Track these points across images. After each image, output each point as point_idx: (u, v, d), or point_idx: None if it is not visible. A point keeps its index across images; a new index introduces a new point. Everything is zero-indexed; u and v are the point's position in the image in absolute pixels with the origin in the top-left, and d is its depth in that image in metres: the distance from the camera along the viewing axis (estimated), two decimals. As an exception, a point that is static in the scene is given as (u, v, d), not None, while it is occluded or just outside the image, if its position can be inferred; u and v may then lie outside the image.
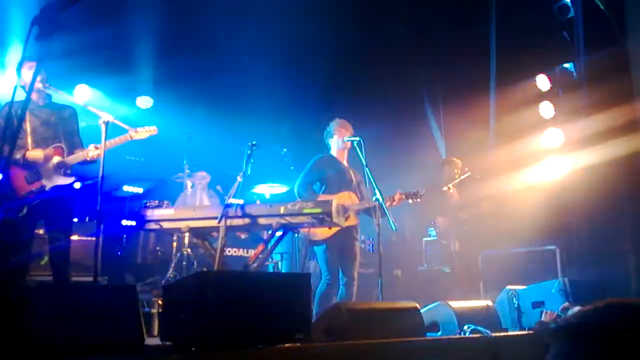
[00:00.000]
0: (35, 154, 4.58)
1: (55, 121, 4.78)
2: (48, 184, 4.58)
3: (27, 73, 4.56)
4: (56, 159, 4.65)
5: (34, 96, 4.69)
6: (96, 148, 4.64)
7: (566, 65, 7.66)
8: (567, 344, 1.27)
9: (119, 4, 7.00)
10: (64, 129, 4.82)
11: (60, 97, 4.75)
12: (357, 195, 5.56)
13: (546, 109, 7.80)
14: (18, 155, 4.49)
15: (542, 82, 7.86)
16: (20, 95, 4.58)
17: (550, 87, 7.81)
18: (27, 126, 4.62)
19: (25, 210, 4.44)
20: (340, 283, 5.39)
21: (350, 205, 5.34)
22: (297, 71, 8.38)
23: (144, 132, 4.84)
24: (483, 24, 7.76)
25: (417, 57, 8.39)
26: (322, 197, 5.40)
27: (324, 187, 5.55)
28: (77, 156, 4.70)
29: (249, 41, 7.77)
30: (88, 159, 4.67)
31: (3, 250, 4.31)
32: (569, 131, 7.42)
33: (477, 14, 7.74)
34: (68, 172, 4.70)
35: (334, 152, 5.77)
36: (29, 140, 4.63)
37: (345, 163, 5.74)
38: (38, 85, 4.55)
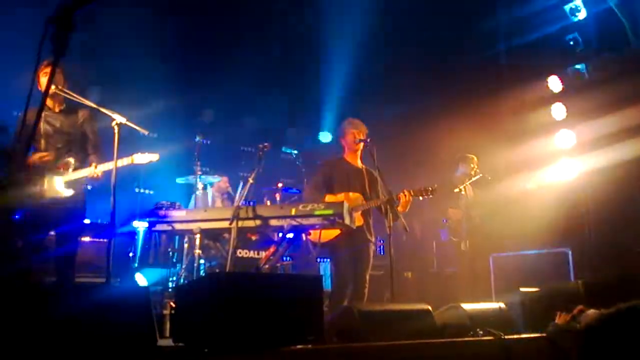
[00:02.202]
0: (46, 157, 4.61)
1: (68, 129, 4.80)
2: (48, 193, 4.61)
3: (43, 77, 4.56)
4: (61, 172, 4.68)
5: (49, 102, 4.71)
6: (96, 167, 4.68)
7: (578, 66, 7.62)
8: (590, 347, 1.26)
9: (130, 3, 7.04)
10: (77, 136, 4.85)
11: (74, 99, 4.76)
12: (365, 196, 5.52)
13: (558, 110, 7.76)
14: (32, 158, 4.52)
15: (554, 83, 7.82)
16: (36, 99, 4.59)
17: (562, 89, 7.77)
18: (42, 132, 4.65)
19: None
20: (352, 285, 5.37)
21: (354, 207, 5.30)
22: (307, 72, 8.41)
23: (145, 158, 4.88)
24: (495, 24, 7.74)
25: (429, 57, 8.37)
26: (328, 198, 5.40)
27: (331, 189, 5.54)
28: (78, 172, 4.73)
29: (258, 41, 7.80)
30: (88, 176, 4.70)
31: (10, 251, 4.33)
32: (581, 132, 7.38)
33: (488, 14, 7.72)
34: (71, 185, 4.73)
35: (346, 152, 5.74)
36: (42, 147, 4.67)
37: (357, 163, 5.69)
38: (53, 89, 4.57)
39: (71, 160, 4.74)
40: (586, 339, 1.28)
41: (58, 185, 4.66)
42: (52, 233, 5.08)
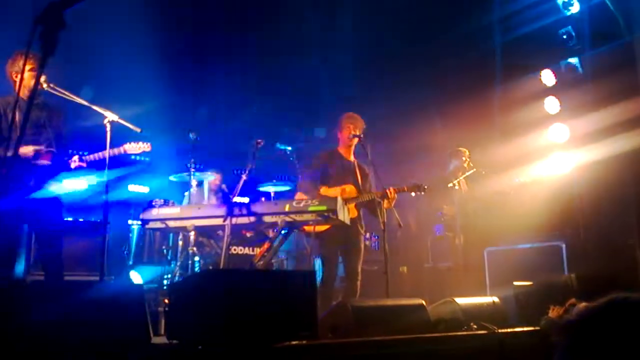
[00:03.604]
0: (25, 150, 4.53)
1: (44, 123, 4.74)
2: (36, 186, 4.55)
3: (27, 72, 4.49)
4: (45, 163, 4.64)
5: (29, 95, 4.61)
6: (80, 160, 4.64)
7: (571, 60, 7.62)
8: (571, 341, 1.27)
9: (121, 3, 7.01)
10: (54, 131, 4.80)
11: (64, 97, 4.72)
12: (357, 189, 5.57)
13: (551, 104, 7.76)
14: (9, 153, 4.43)
15: (547, 77, 7.82)
16: (15, 94, 4.54)
17: (556, 82, 7.77)
18: (18, 125, 4.57)
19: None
20: (345, 278, 5.41)
21: (348, 199, 5.34)
22: (304, 69, 8.40)
23: (137, 147, 4.85)
24: (487, 18, 7.74)
25: (422, 52, 8.37)
26: (324, 189, 5.42)
27: (325, 181, 5.57)
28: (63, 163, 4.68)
29: (254, 38, 7.79)
30: (72, 168, 4.66)
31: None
32: (575, 126, 7.39)
33: (481, 8, 7.72)
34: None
35: (340, 145, 5.79)
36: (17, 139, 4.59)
37: (350, 157, 5.76)
38: (42, 85, 4.53)
39: (54, 150, 4.70)
40: (567, 332, 1.29)
41: (45, 178, 4.62)
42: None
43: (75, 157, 4.67)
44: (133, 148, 4.83)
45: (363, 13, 7.80)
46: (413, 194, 5.53)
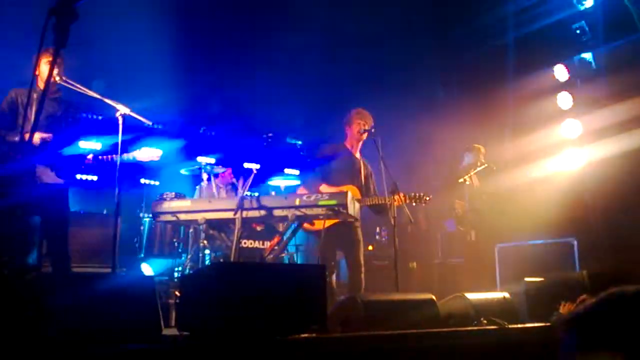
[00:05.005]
0: (33, 138, 4.55)
1: (60, 116, 4.78)
2: (40, 176, 4.58)
3: (44, 65, 4.55)
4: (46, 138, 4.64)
5: (44, 87, 4.64)
6: (94, 159, 4.68)
7: (585, 55, 7.56)
8: (573, 335, 1.29)
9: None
10: (67, 126, 4.83)
11: (77, 90, 4.75)
12: (361, 189, 5.53)
13: (564, 99, 7.72)
14: (17, 138, 4.45)
15: (560, 72, 7.77)
16: (33, 85, 4.57)
17: (569, 78, 7.72)
18: (32, 116, 4.59)
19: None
20: (348, 273, 5.42)
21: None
22: (314, 63, 8.38)
23: (147, 155, 4.87)
24: (501, 13, 7.69)
25: (433, 48, 8.33)
26: (324, 187, 5.39)
27: (328, 175, 5.53)
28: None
29: (265, 32, 7.78)
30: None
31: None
32: (587, 122, 7.35)
33: (494, 3, 7.67)
34: (59, 172, 4.69)
35: (347, 140, 5.75)
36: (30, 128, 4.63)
37: (356, 154, 5.71)
38: (55, 77, 4.56)
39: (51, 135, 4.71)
40: (568, 326, 1.31)
41: (47, 171, 4.65)
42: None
43: (90, 156, 4.71)
44: (143, 155, 4.86)
45: (375, 8, 7.76)
46: (414, 203, 5.46)
